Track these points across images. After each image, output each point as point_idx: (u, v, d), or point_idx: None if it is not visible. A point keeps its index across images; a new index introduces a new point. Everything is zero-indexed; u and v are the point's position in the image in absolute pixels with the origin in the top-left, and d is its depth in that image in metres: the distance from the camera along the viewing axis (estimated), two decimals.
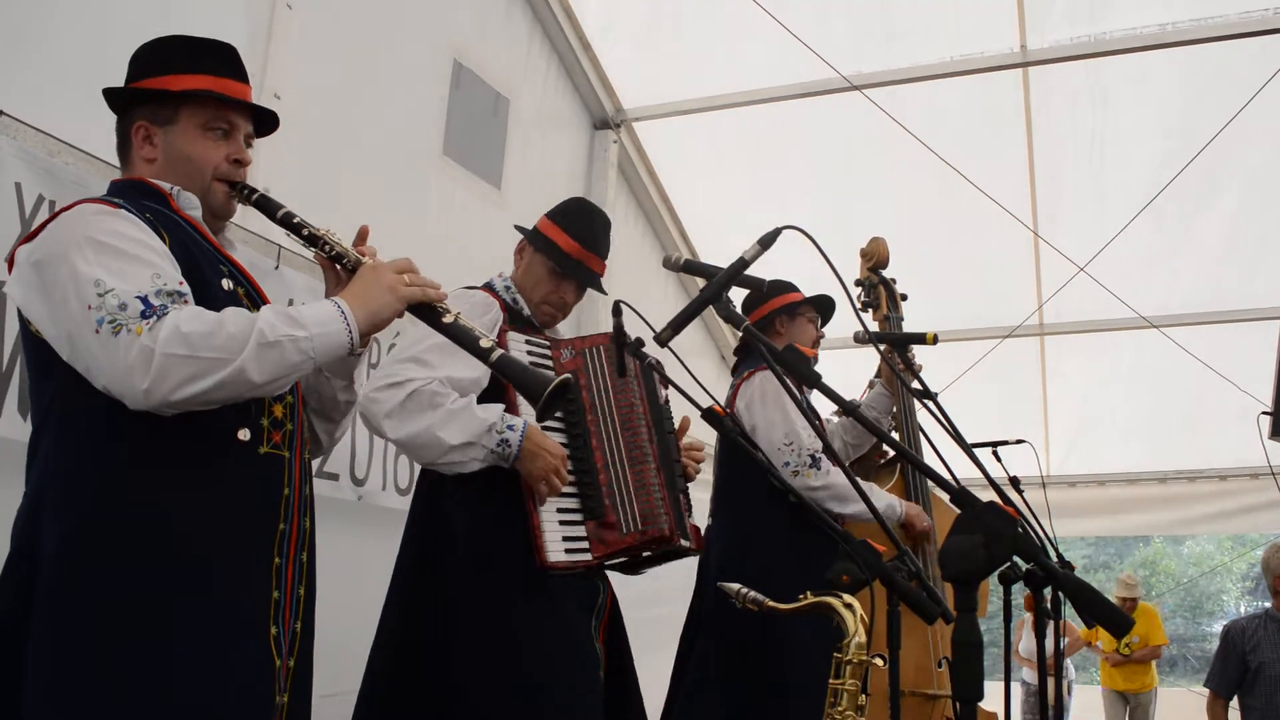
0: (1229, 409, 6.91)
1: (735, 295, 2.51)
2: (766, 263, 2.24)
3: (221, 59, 2.12)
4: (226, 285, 2.01)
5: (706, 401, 2.36)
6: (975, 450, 2.86)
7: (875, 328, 4.40)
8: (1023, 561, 2.09)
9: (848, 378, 4.43)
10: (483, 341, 1.97)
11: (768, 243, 2.19)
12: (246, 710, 1.89)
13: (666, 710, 3.91)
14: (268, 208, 2.10)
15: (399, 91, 4.55)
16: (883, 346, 4.19)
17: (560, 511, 2.76)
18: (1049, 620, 2.78)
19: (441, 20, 4.84)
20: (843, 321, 4.23)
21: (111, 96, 2.11)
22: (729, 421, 2.32)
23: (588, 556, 2.76)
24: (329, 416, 2.28)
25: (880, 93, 5.56)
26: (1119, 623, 1.99)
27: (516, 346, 2.83)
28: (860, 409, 2.33)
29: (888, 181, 6.23)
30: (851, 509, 3.69)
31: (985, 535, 1.72)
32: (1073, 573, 2.32)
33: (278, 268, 3.60)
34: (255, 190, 2.12)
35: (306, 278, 3.70)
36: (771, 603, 2.44)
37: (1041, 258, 6.54)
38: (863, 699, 2.28)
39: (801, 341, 4.10)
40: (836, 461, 2.68)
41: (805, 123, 6.08)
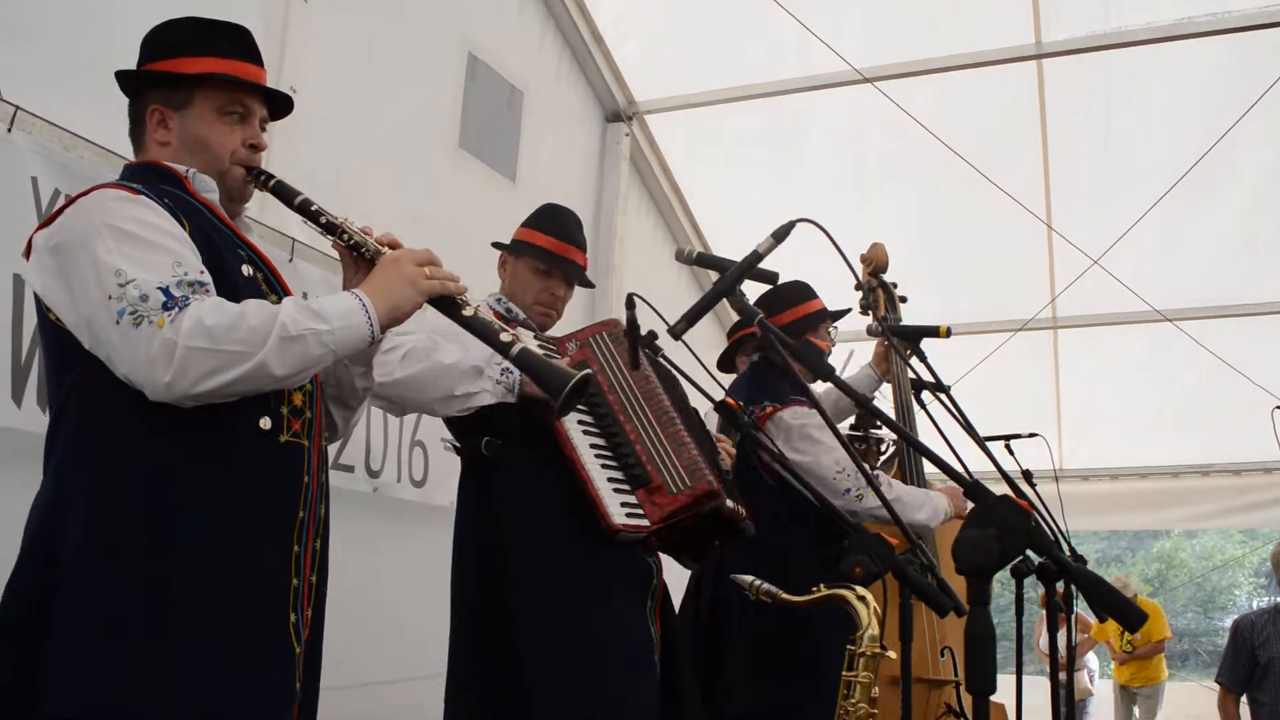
0: (1242, 403, 6.89)
1: (748, 289, 2.51)
2: (779, 255, 2.24)
3: (235, 41, 2.10)
4: (246, 271, 2.00)
5: (720, 394, 2.37)
6: (988, 443, 2.88)
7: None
8: (1036, 555, 2.10)
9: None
10: (503, 335, 1.97)
11: (782, 236, 2.20)
12: (274, 698, 1.90)
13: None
14: (284, 194, 2.08)
15: (414, 84, 4.56)
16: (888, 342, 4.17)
17: (611, 481, 2.79)
18: (1061, 614, 2.79)
19: (456, 13, 4.85)
20: (854, 316, 4.22)
21: (124, 79, 2.09)
22: (744, 416, 2.33)
23: (645, 522, 2.78)
24: (346, 403, 2.27)
25: (893, 85, 5.54)
26: (1131, 616, 1.99)
27: (528, 343, 2.86)
28: (871, 401, 2.34)
29: (900, 175, 6.21)
30: (921, 516, 3.62)
31: (999, 529, 1.73)
32: (1085, 566, 2.33)
33: (291, 260, 3.60)
34: (272, 176, 2.10)
35: (322, 271, 3.71)
36: (785, 595, 2.44)
37: (1055, 251, 6.51)
38: (876, 690, 2.29)
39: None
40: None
41: (818, 116, 6.07)
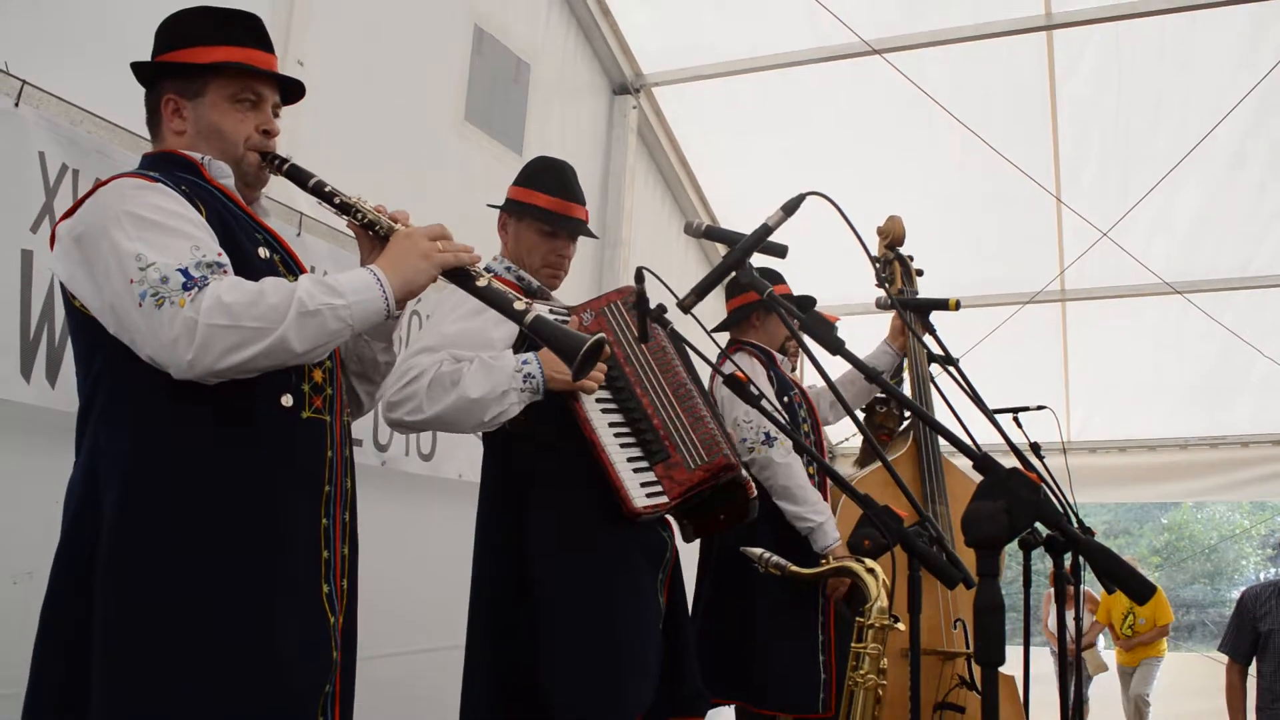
0: (1251, 375, 6.89)
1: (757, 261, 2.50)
2: (792, 229, 2.24)
3: (247, 30, 2.15)
4: (263, 254, 2.06)
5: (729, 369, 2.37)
6: (996, 416, 2.88)
7: None
8: (1044, 527, 2.10)
9: (869, 344, 4.42)
10: (517, 304, 1.99)
11: (791, 209, 2.19)
12: (312, 668, 1.97)
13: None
14: (299, 177, 2.13)
15: (420, 57, 4.54)
16: (903, 314, 4.17)
17: (630, 461, 2.81)
18: (1069, 586, 2.79)
19: None
20: (864, 288, 4.21)
21: (139, 70, 2.13)
22: (753, 388, 2.33)
23: (664, 499, 2.79)
24: (369, 378, 2.34)
25: (902, 57, 5.50)
26: (1140, 588, 2.00)
27: (541, 311, 2.86)
28: (881, 374, 2.33)
29: (909, 147, 6.17)
30: (794, 508, 3.65)
31: (1008, 501, 1.73)
32: (1093, 538, 2.33)
33: (299, 235, 3.61)
34: (287, 160, 2.15)
35: (329, 245, 3.72)
36: (794, 567, 2.46)
37: (1064, 223, 6.49)
38: (884, 662, 2.30)
39: (773, 337, 4.04)
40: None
41: (826, 88, 6.02)
